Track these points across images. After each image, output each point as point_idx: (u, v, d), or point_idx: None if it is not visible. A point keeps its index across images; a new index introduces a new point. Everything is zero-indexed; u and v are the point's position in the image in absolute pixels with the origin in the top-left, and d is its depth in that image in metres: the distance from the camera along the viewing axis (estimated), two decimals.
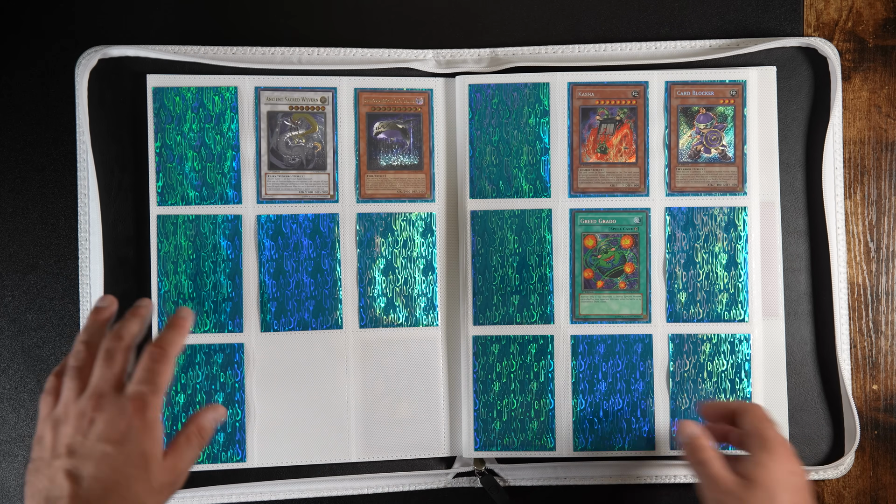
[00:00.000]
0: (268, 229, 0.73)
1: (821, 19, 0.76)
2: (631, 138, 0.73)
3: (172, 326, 0.61)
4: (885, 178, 0.75)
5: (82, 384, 0.58)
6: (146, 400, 0.57)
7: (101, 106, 0.73)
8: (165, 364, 0.59)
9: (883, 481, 0.75)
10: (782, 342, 0.74)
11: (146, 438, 0.56)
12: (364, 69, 0.74)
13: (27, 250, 0.73)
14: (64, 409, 0.58)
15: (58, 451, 0.56)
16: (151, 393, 0.57)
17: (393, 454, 0.73)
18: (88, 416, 0.56)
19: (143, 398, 0.57)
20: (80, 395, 0.58)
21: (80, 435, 0.56)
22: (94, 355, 0.60)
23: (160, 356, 0.59)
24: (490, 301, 0.73)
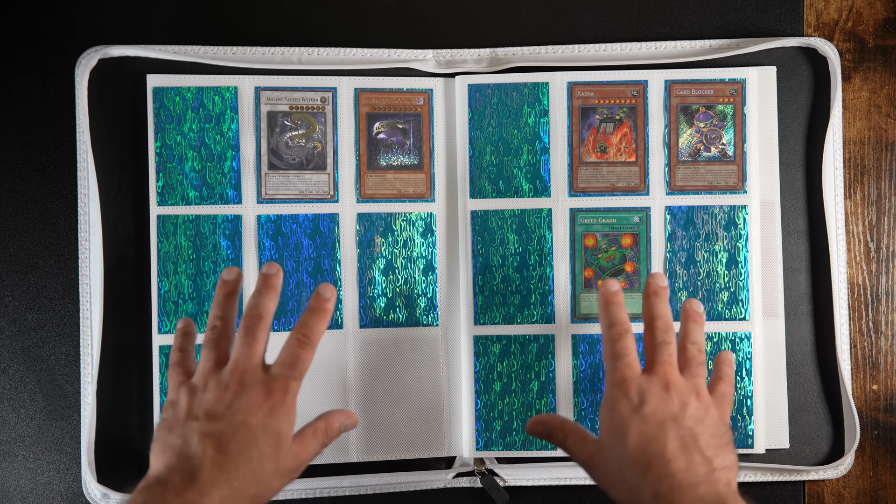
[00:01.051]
0: (268, 229, 0.73)
1: (821, 19, 0.76)
2: (631, 137, 0.74)
3: (315, 311, 0.62)
4: (885, 178, 0.75)
5: (220, 356, 0.61)
6: (288, 383, 0.59)
7: (101, 106, 0.73)
8: (309, 351, 0.61)
9: (883, 481, 0.75)
10: (782, 342, 0.74)
11: (283, 420, 0.58)
12: (364, 69, 0.74)
13: (27, 250, 0.73)
14: (202, 379, 0.60)
15: (195, 413, 0.58)
16: (293, 378, 0.59)
17: (393, 454, 0.73)
18: (232, 389, 0.58)
19: (287, 381, 0.59)
20: (219, 368, 0.60)
21: (220, 404, 0.58)
22: (228, 328, 0.62)
23: (304, 343, 0.61)
24: (491, 301, 0.73)
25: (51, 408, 0.73)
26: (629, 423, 0.59)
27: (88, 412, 0.71)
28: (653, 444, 0.58)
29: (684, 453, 0.57)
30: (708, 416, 0.60)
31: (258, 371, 0.59)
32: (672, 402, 0.59)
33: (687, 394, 0.60)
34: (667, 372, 0.61)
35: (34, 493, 0.73)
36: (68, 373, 0.73)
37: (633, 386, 0.60)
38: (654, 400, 0.59)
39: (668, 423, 0.58)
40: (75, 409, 0.73)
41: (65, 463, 0.73)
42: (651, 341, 0.63)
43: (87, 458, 0.71)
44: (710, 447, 0.58)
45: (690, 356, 0.63)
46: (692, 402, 0.60)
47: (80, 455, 0.73)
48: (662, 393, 0.60)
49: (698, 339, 0.64)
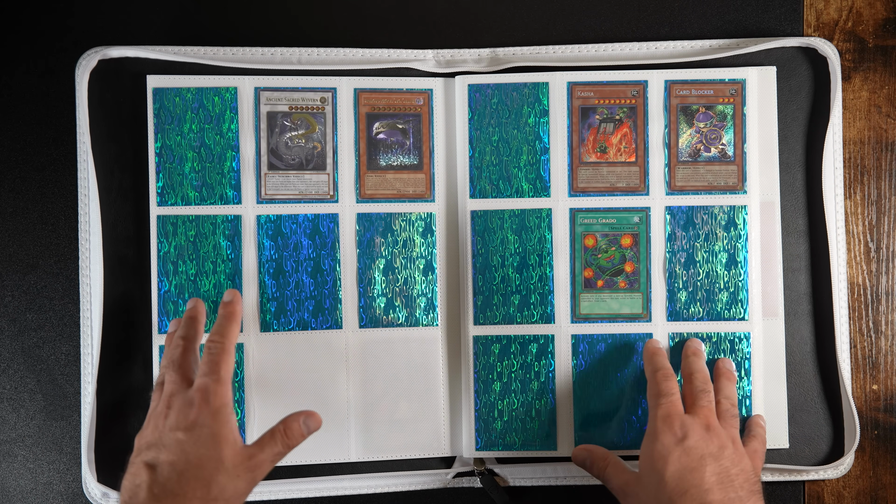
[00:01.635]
0: (268, 229, 0.73)
1: (821, 19, 0.76)
2: (630, 137, 0.73)
3: (224, 317, 0.67)
4: (885, 178, 0.75)
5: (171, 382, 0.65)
6: (209, 388, 0.62)
7: (101, 106, 0.73)
8: (224, 354, 0.64)
9: (883, 481, 0.75)
10: (782, 342, 0.74)
11: (215, 423, 0.61)
12: (364, 69, 0.74)
13: (27, 250, 0.73)
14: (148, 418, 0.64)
15: (140, 449, 0.62)
16: (214, 381, 0.62)
17: (393, 454, 0.73)
18: (163, 414, 0.62)
19: (207, 387, 0.62)
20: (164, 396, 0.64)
21: (157, 431, 0.61)
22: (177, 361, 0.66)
23: (218, 348, 0.65)
24: (490, 301, 0.73)
25: (51, 408, 0.73)
26: (671, 452, 0.63)
27: (88, 412, 0.71)
28: (692, 474, 0.62)
29: (721, 488, 0.61)
30: (743, 462, 0.64)
31: (183, 390, 0.63)
32: (712, 441, 0.64)
33: (725, 439, 0.64)
34: (707, 416, 0.66)
35: (34, 493, 0.73)
36: (68, 373, 0.73)
37: (677, 421, 0.65)
38: (695, 436, 0.64)
39: (707, 459, 0.62)
40: (75, 409, 0.73)
41: (65, 463, 0.73)
42: (691, 390, 0.68)
43: (87, 458, 0.71)
44: (744, 488, 0.61)
45: (725, 409, 0.68)
46: (729, 447, 0.64)
47: (80, 455, 0.73)
48: (703, 432, 0.64)
49: (731, 395, 0.70)
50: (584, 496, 0.74)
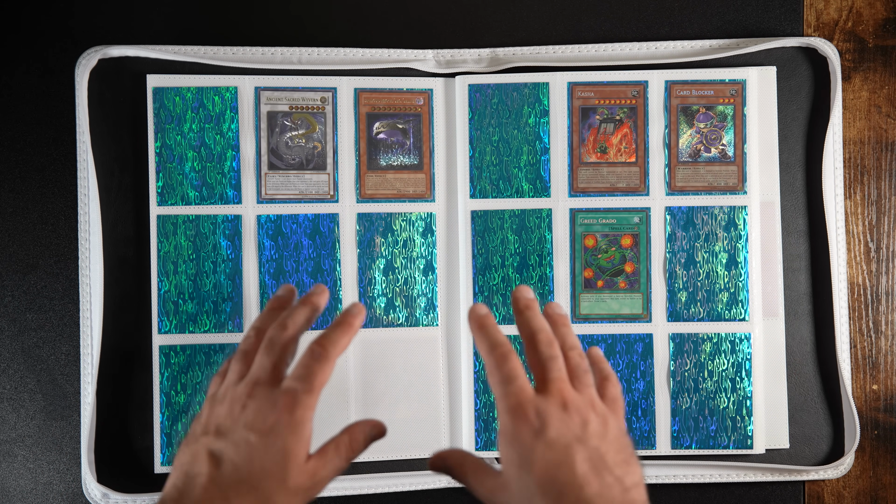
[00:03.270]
0: (268, 229, 0.73)
1: (821, 19, 0.76)
2: (631, 138, 0.73)
3: (339, 325, 0.60)
4: (885, 178, 0.75)
5: (247, 369, 0.59)
6: (298, 397, 0.56)
7: (101, 106, 0.73)
8: (325, 364, 0.58)
9: (883, 481, 0.75)
10: (782, 342, 0.74)
11: (291, 436, 0.55)
12: (364, 69, 0.74)
13: (27, 250, 0.73)
14: (224, 391, 0.58)
15: (208, 428, 0.56)
16: (304, 391, 0.56)
17: (393, 454, 0.73)
18: (241, 402, 0.56)
19: (296, 395, 0.56)
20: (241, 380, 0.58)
21: (230, 419, 0.56)
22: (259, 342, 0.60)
23: (320, 355, 0.58)
24: (490, 301, 0.73)
25: (51, 408, 0.73)
26: (533, 450, 0.53)
27: (88, 412, 0.71)
28: (561, 470, 0.53)
29: (595, 476, 0.53)
30: (608, 429, 0.55)
31: (269, 384, 0.57)
32: (573, 421, 0.55)
33: (585, 409, 0.55)
34: (561, 389, 0.56)
35: (34, 493, 0.73)
36: (68, 373, 0.73)
37: (531, 410, 0.55)
38: (555, 422, 0.54)
39: (573, 446, 0.53)
40: (75, 409, 0.73)
41: (65, 463, 0.73)
42: (536, 358, 0.58)
43: (87, 458, 0.71)
44: (618, 464, 0.54)
45: (574, 364, 0.58)
46: (591, 418, 0.55)
47: (80, 455, 0.73)
48: (562, 413, 0.55)
49: (575, 343, 0.60)
50: None
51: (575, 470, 0.52)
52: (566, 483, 0.52)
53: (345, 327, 0.60)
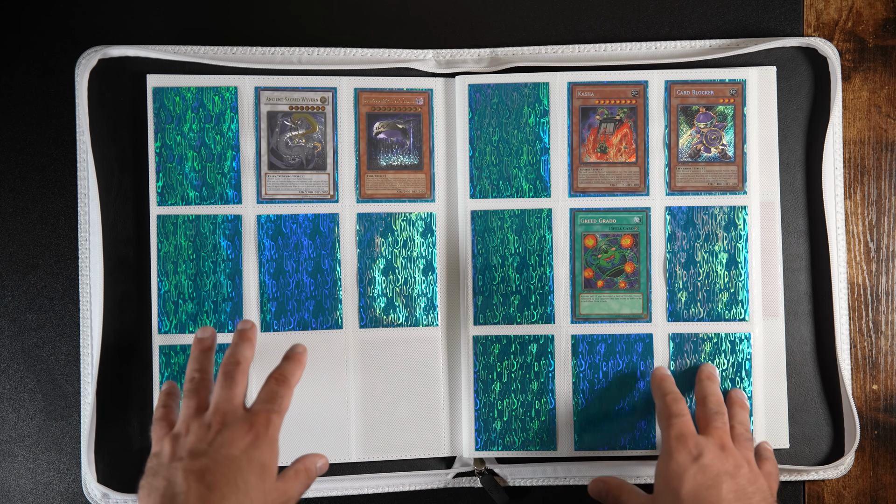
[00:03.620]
0: (268, 229, 0.73)
1: (821, 19, 0.76)
2: (631, 138, 0.73)
3: (291, 359, 0.66)
4: (885, 178, 0.75)
5: (200, 404, 0.63)
6: (270, 417, 0.61)
7: (101, 106, 0.73)
8: (288, 389, 0.64)
9: (883, 481, 0.75)
10: (782, 342, 0.74)
11: (267, 452, 0.60)
12: (364, 69, 0.74)
13: (27, 250, 0.73)
14: (184, 425, 0.62)
15: (178, 455, 0.59)
16: (275, 412, 0.62)
17: (393, 454, 0.73)
18: (214, 428, 0.60)
19: (269, 414, 0.61)
20: (200, 413, 0.62)
21: (203, 442, 0.60)
22: (207, 380, 0.65)
23: (282, 381, 0.64)
24: (490, 301, 0.73)
25: (51, 408, 0.73)
26: (687, 470, 0.62)
27: (88, 412, 0.71)
28: (709, 492, 0.61)
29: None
30: (759, 482, 0.63)
31: (239, 410, 0.62)
32: (728, 460, 0.63)
33: (740, 459, 0.64)
34: (722, 436, 0.65)
35: (34, 493, 0.73)
36: (68, 373, 0.73)
37: (692, 440, 0.64)
38: (710, 455, 0.63)
39: (723, 477, 0.62)
40: (75, 409, 0.73)
41: (65, 463, 0.73)
42: (704, 412, 0.68)
43: (87, 458, 0.71)
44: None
45: (739, 433, 0.68)
46: (745, 466, 0.63)
47: (80, 455, 0.73)
48: (719, 451, 0.64)
49: (745, 422, 0.69)
50: (583, 496, 0.74)
51: (721, 494, 0.61)
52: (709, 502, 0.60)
53: (296, 361, 0.66)
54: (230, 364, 0.64)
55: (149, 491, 0.58)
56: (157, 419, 0.65)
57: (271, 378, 0.64)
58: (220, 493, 0.57)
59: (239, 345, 0.65)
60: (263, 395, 0.63)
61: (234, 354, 0.65)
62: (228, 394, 0.62)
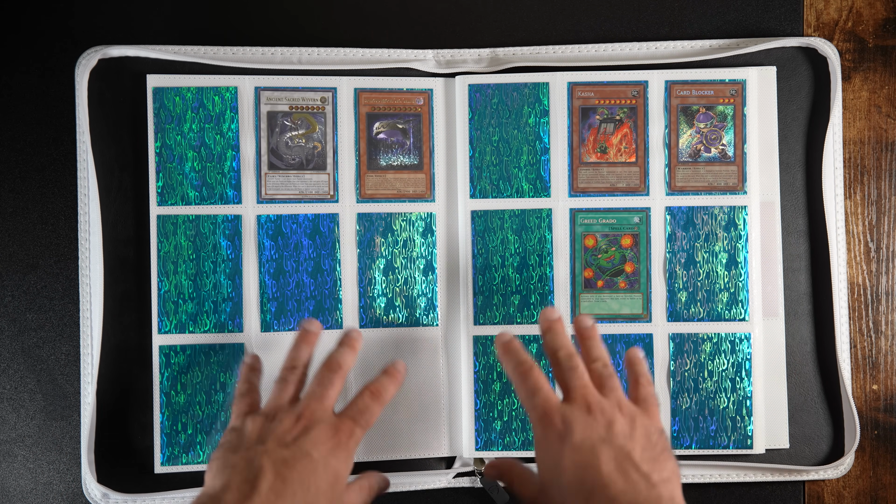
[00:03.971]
0: (268, 229, 0.73)
1: (821, 19, 0.76)
2: (631, 138, 0.73)
3: (389, 374, 0.65)
4: (885, 178, 0.75)
5: (293, 395, 0.63)
6: (355, 431, 0.61)
7: (101, 106, 0.73)
8: (379, 406, 0.63)
9: (883, 481, 0.75)
10: (782, 342, 0.74)
11: (343, 462, 0.60)
12: (364, 69, 0.74)
13: (27, 250, 0.73)
14: (273, 410, 0.62)
15: (263, 438, 0.59)
16: (361, 426, 0.61)
17: (393, 454, 0.73)
18: (302, 423, 0.60)
19: (354, 428, 0.61)
20: (291, 405, 0.62)
21: (290, 434, 0.59)
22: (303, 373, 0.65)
23: (377, 396, 0.63)
24: (490, 301, 0.73)
25: (51, 408, 0.73)
26: (561, 455, 0.57)
27: (88, 412, 0.71)
28: (588, 472, 0.56)
29: (621, 474, 0.56)
30: (635, 428, 0.58)
31: (328, 412, 0.61)
32: (598, 423, 0.58)
33: (610, 411, 0.59)
34: (584, 395, 0.60)
35: (34, 493, 0.73)
36: (68, 373, 0.73)
37: (556, 416, 0.59)
38: (579, 426, 0.58)
39: (598, 447, 0.57)
40: (75, 409, 0.73)
41: (65, 463, 0.73)
42: (559, 371, 0.62)
43: (87, 458, 0.71)
44: (645, 461, 0.57)
45: (598, 373, 0.62)
46: (617, 419, 0.58)
47: (80, 455, 0.73)
48: (586, 416, 0.58)
49: (600, 355, 0.63)
50: None
51: (601, 470, 0.56)
52: (593, 484, 0.56)
53: (393, 378, 0.65)
54: (332, 365, 0.64)
55: (222, 466, 0.58)
56: (241, 394, 0.65)
57: (367, 391, 0.63)
58: (292, 490, 0.56)
59: (343, 350, 0.65)
60: (356, 405, 0.62)
61: (337, 358, 0.64)
62: (323, 393, 0.62)
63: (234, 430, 0.61)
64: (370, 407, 0.62)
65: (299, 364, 0.65)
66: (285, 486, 0.56)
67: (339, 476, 0.59)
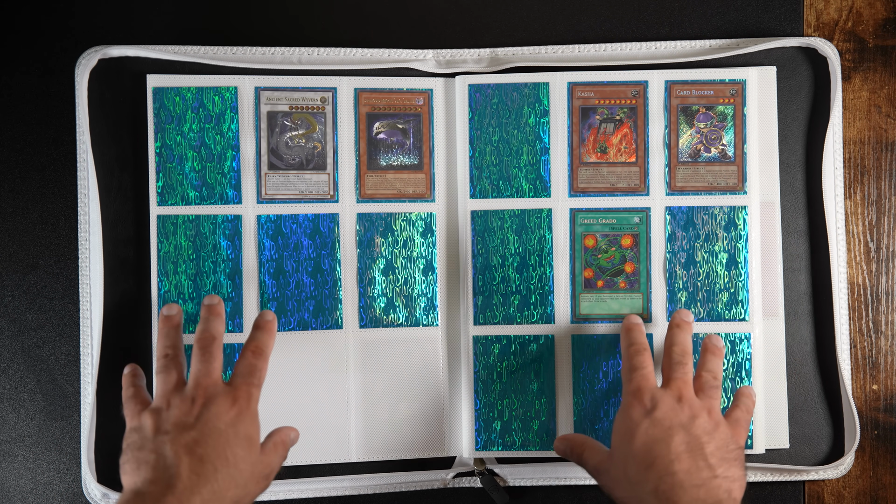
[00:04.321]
0: (268, 229, 0.73)
1: (821, 19, 0.76)
2: (631, 138, 0.73)
3: (261, 328, 0.67)
4: (885, 178, 0.75)
5: (178, 379, 0.64)
6: (251, 391, 0.63)
7: (101, 106, 0.73)
8: (265, 362, 0.65)
9: (883, 481, 0.75)
10: (782, 342, 0.74)
11: (251, 425, 0.62)
12: (364, 69, 0.74)
13: (27, 250, 0.73)
14: (164, 400, 0.63)
15: (163, 429, 0.60)
16: (255, 385, 0.63)
17: (393, 454, 0.73)
18: (198, 402, 0.61)
19: (249, 389, 0.63)
20: (178, 388, 0.63)
21: (189, 416, 0.60)
22: (180, 356, 0.66)
23: (258, 353, 0.65)
24: (490, 301, 0.73)
25: (51, 408, 0.73)
26: (639, 424, 0.62)
27: (88, 412, 0.71)
28: (658, 445, 0.60)
29: (689, 456, 0.60)
30: (717, 431, 0.62)
31: (219, 384, 0.63)
32: (683, 412, 0.62)
33: (698, 409, 0.63)
34: (681, 387, 0.64)
35: (34, 493, 0.73)
36: (68, 373, 0.73)
37: (647, 394, 0.64)
38: (665, 407, 0.62)
39: (675, 429, 0.61)
40: (75, 409, 0.73)
41: (65, 463, 0.73)
42: (667, 363, 0.67)
43: (87, 458, 0.71)
44: (715, 456, 0.60)
45: (705, 381, 0.66)
46: (703, 416, 0.63)
47: (80, 455, 0.73)
48: (674, 403, 0.63)
49: (714, 369, 0.67)
50: (584, 496, 0.74)
51: (670, 446, 0.60)
52: (659, 455, 0.60)
53: (268, 331, 0.67)
54: (205, 339, 0.65)
55: (136, 464, 0.59)
56: (129, 398, 0.66)
57: (247, 350, 0.65)
58: (212, 465, 0.58)
59: (210, 320, 0.66)
60: (242, 368, 0.64)
61: (208, 329, 0.65)
62: (207, 368, 0.63)
63: (134, 429, 0.62)
64: (257, 365, 0.64)
65: (171, 350, 0.66)
66: (203, 464, 0.58)
67: (251, 439, 0.61)
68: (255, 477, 0.61)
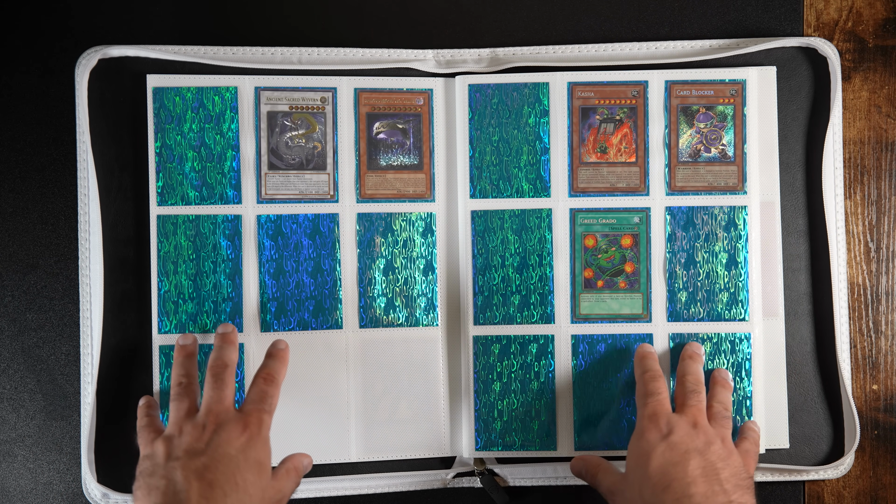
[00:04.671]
0: (268, 229, 0.73)
1: (821, 19, 0.76)
2: (631, 138, 0.73)
3: (274, 357, 0.68)
4: (885, 178, 0.75)
5: (190, 406, 0.65)
6: (262, 417, 0.64)
7: (101, 106, 0.73)
8: (277, 389, 0.66)
9: (883, 481, 0.75)
10: (782, 342, 0.74)
11: (262, 450, 0.63)
12: (364, 69, 0.74)
13: (27, 250, 0.73)
14: (176, 427, 0.64)
15: (175, 455, 0.61)
16: (267, 412, 0.64)
17: (393, 454, 0.73)
18: (209, 428, 0.63)
19: (260, 415, 0.64)
20: (190, 415, 0.64)
21: (200, 442, 0.61)
22: (194, 384, 0.67)
23: (271, 381, 0.66)
24: (490, 301, 0.73)
25: (51, 408, 0.73)
26: (655, 448, 0.63)
27: (88, 412, 0.71)
28: (675, 468, 0.61)
29: (705, 480, 0.61)
30: (731, 458, 0.63)
31: (231, 410, 0.64)
32: (698, 437, 0.64)
33: (713, 436, 0.64)
34: (695, 414, 0.66)
35: (34, 493, 0.73)
36: (68, 373, 0.73)
37: (663, 419, 0.65)
38: (681, 432, 0.63)
39: (692, 453, 0.62)
40: (75, 409, 0.73)
41: (65, 463, 0.73)
42: (681, 391, 0.68)
43: (87, 458, 0.71)
44: (730, 482, 0.61)
45: (717, 412, 0.68)
46: (717, 443, 0.64)
47: (80, 455, 0.73)
48: (690, 429, 0.64)
49: (725, 400, 0.69)
50: (584, 496, 0.74)
51: (687, 470, 0.61)
52: (676, 478, 0.61)
53: (280, 359, 0.68)
54: (218, 366, 0.66)
55: (147, 491, 0.59)
56: (143, 427, 0.67)
57: (259, 378, 0.66)
58: (222, 491, 0.58)
59: (223, 348, 0.68)
60: (254, 395, 0.65)
61: (221, 357, 0.67)
62: (219, 395, 0.64)
63: (146, 457, 0.63)
64: (268, 392, 0.65)
65: (185, 378, 0.67)
66: (213, 489, 0.58)
67: (262, 465, 0.62)
68: (266, 502, 0.61)
